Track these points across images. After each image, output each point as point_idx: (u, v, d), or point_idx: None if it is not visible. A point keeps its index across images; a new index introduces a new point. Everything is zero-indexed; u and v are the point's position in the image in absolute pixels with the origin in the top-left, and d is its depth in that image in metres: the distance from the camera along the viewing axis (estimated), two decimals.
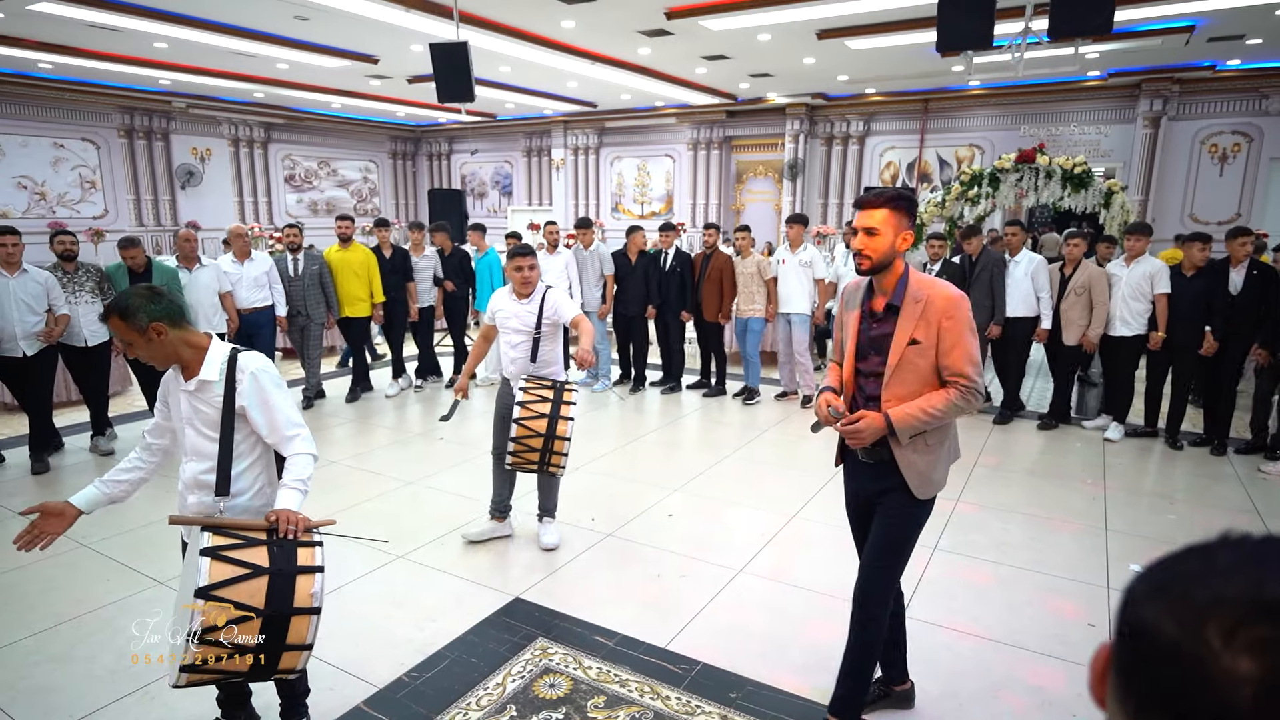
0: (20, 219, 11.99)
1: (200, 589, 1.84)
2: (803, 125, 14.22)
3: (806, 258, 6.68)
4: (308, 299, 6.42)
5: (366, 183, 17.38)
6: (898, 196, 2.18)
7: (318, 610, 1.98)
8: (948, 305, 2.17)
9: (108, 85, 12.23)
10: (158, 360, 2.10)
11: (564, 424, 3.49)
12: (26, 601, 3.32)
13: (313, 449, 2.24)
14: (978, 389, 2.18)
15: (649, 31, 9.38)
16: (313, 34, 9.44)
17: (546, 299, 3.74)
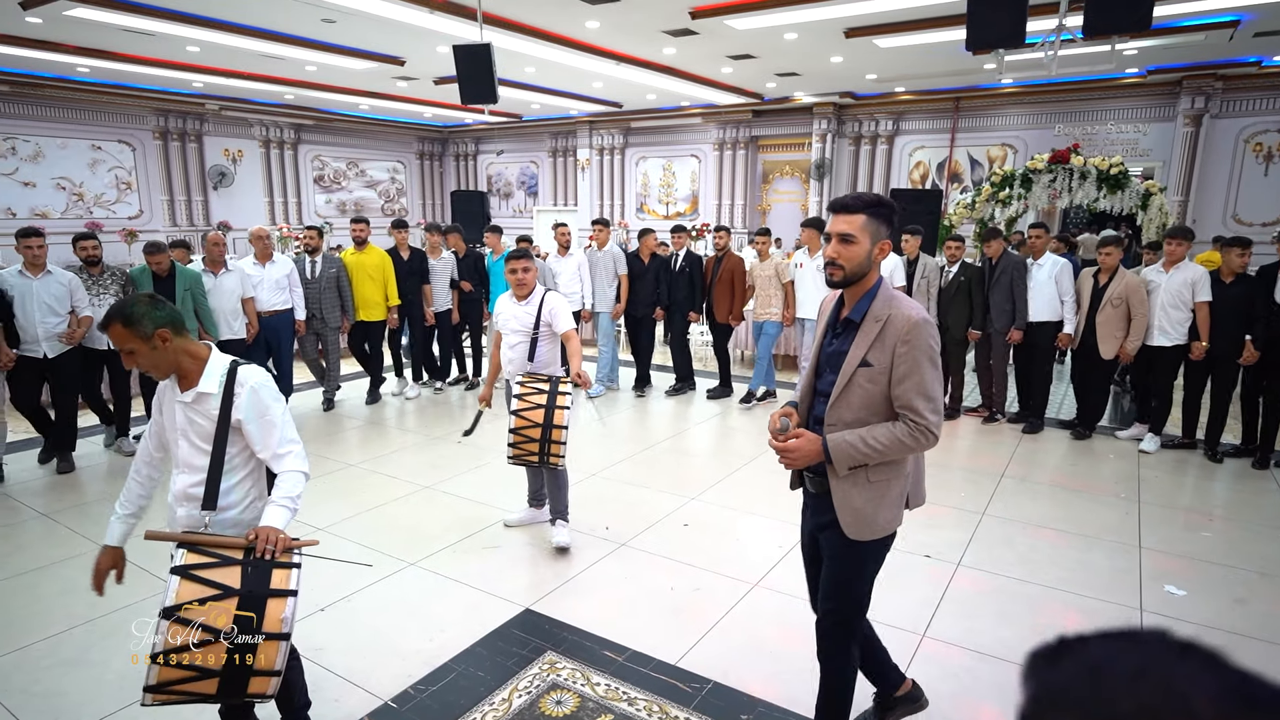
0: (59, 219, 12.28)
1: (165, 609, 1.80)
2: (830, 125, 14.05)
3: (823, 262, 6.55)
4: (324, 302, 6.41)
5: (394, 183, 17.53)
6: (879, 202, 2.01)
7: (287, 636, 1.91)
8: (906, 328, 1.95)
9: (143, 88, 12.47)
10: (160, 369, 2.06)
11: (560, 413, 3.54)
12: (44, 603, 3.35)
13: (305, 467, 2.20)
14: (929, 427, 1.95)
15: (674, 31, 9.31)
16: (340, 36, 9.52)
17: (545, 301, 3.81)
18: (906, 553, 3.85)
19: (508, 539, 4.06)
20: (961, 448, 5.70)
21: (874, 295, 2.04)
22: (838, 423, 2.03)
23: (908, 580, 3.57)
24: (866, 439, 1.96)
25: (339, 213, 16.25)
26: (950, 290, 6.22)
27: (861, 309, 2.04)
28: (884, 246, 2.04)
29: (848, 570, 2.14)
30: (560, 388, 3.62)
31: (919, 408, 1.95)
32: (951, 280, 6.23)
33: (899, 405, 1.98)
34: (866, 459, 1.97)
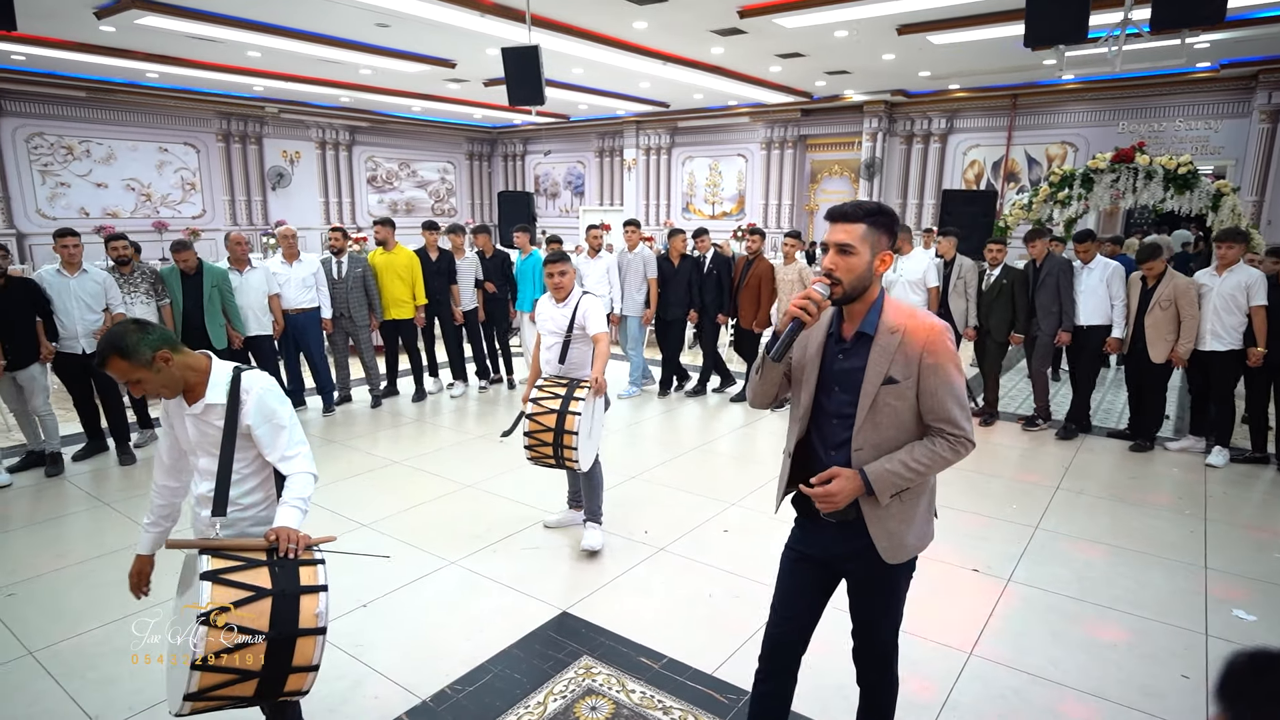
0: (129, 218, 12.82)
1: (201, 616, 1.79)
2: (881, 123, 13.78)
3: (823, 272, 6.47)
4: (351, 301, 6.52)
5: (444, 183, 17.82)
6: (879, 211, 1.89)
7: (323, 630, 1.93)
8: (930, 339, 1.84)
9: (207, 92, 12.93)
10: (170, 389, 2.05)
11: (571, 418, 3.57)
12: (101, 590, 3.48)
13: (313, 468, 2.20)
14: (968, 436, 1.86)
15: (722, 31, 9.24)
16: (393, 40, 9.71)
17: (580, 305, 3.84)
18: (954, 566, 3.74)
19: (547, 540, 4.08)
20: (1012, 457, 5.52)
21: (880, 306, 1.91)
22: (865, 446, 1.88)
23: (954, 595, 3.47)
24: (908, 463, 1.83)
25: (391, 212, 16.59)
26: (991, 293, 6.10)
27: (872, 321, 1.90)
28: (885, 258, 1.89)
29: (891, 596, 2.04)
30: (576, 392, 3.65)
31: (956, 418, 1.85)
32: (993, 283, 6.09)
33: (935, 419, 1.86)
34: (909, 483, 1.86)
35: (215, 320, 5.66)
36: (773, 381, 2.04)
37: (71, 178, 12.34)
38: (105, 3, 8.02)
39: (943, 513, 4.28)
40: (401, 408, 6.86)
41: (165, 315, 5.51)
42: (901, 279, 6.43)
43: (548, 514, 4.34)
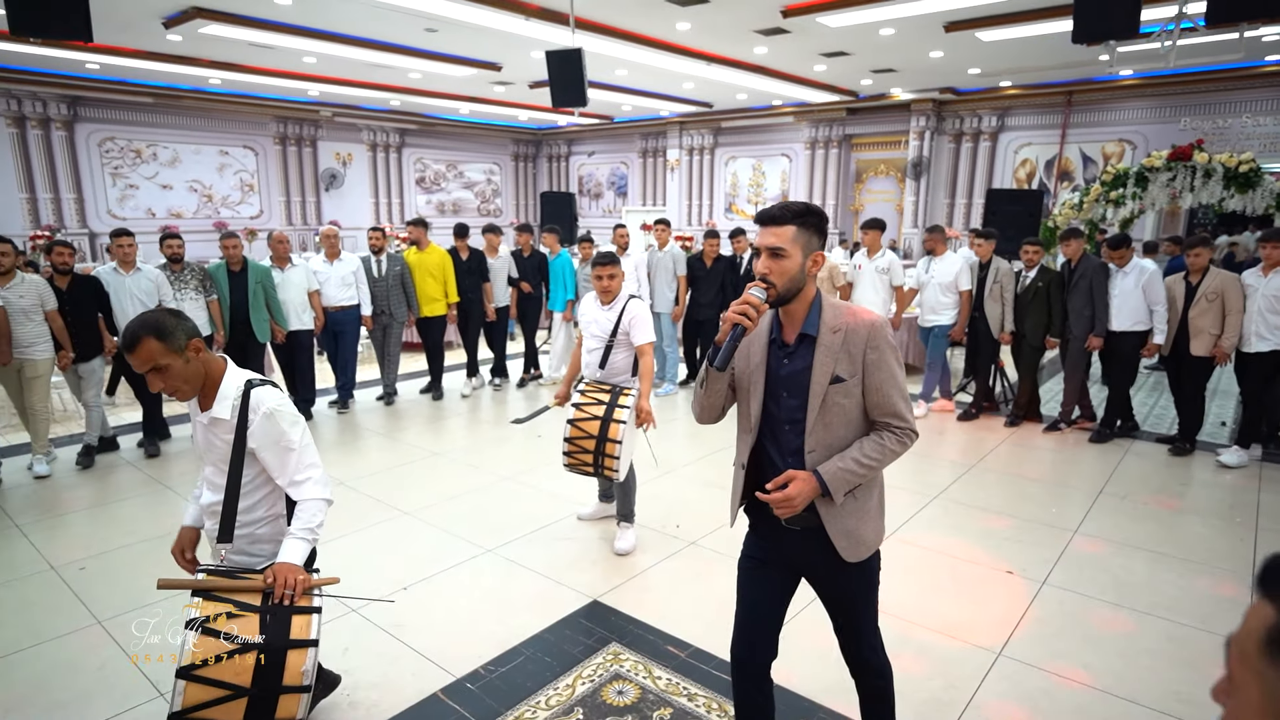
0: (191, 218, 13.39)
1: (181, 669, 1.76)
2: (929, 121, 13.58)
3: (884, 263, 6.47)
4: (390, 299, 6.68)
5: (490, 184, 18.13)
6: (807, 211, 1.88)
7: (308, 689, 1.85)
8: (871, 333, 1.85)
9: (265, 97, 13.42)
10: (192, 384, 1.98)
11: (615, 427, 3.49)
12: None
13: (325, 493, 2.11)
14: (912, 428, 1.88)
15: (765, 31, 9.24)
16: (441, 45, 9.96)
17: (627, 309, 3.78)
18: (987, 567, 3.71)
19: (581, 532, 4.17)
20: (1054, 461, 5.41)
21: (819, 306, 1.92)
22: (818, 447, 1.88)
23: (985, 595, 3.45)
24: (860, 459, 1.84)
25: (438, 213, 16.97)
26: (1027, 296, 5.99)
27: (813, 322, 1.90)
28: (817, 258, 1.89)
29: (861, 594, 2.04)
30: (621, 400, 3.57)
31: (901, 411, 1.88)
32: (1029, 285, 5.98)
33: (882, 414, 1.88)
34: (862, 479, 1.87)
35: (259, 315, 5.88)
36: (718, 393, 2.03)
37: (140, 180, 12.95)
38: (173, 13, 8.41)
39: (979, 515, 4.28)
40: (448, 402, 7.04)
41: (213, 310, 5.72)
42: (933, 281, 6.34)
43: (581, 506, 4.43)
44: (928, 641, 3.08)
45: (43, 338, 4.92)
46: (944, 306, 6.30)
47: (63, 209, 12.08)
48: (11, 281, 4.77)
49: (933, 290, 6.34)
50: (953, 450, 5.63)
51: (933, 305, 6.35)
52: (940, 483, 4.90)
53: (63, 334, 4.98)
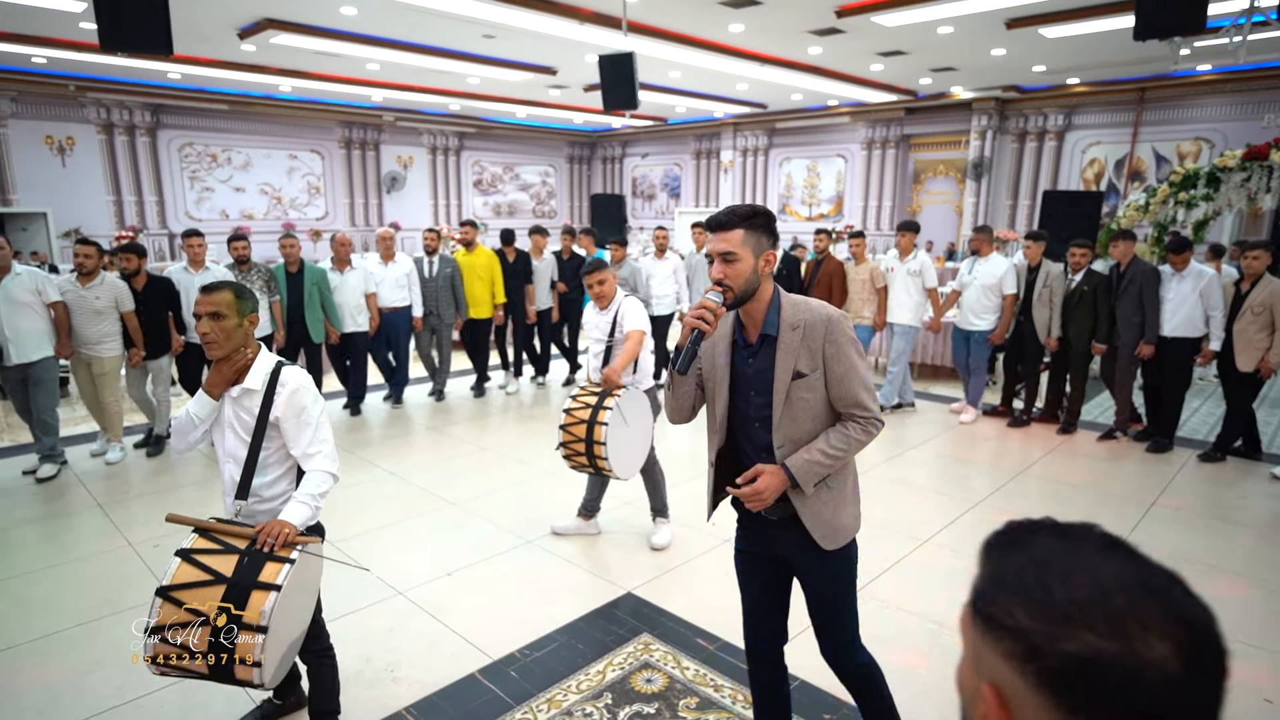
0: (262, 219, 14.02)
1: (160, 588, 1.94)
2: (991, 120, 13.26)
3: (916, 266, 6.39)
4: (440, 300, 6.84)
5: (545, 186, 18.44)
6: (753, 214, 1.92)
7: (264, 629, 1.93)
8: (829, 327, 1.90)
9: (332, 103, 13.97)
10: (228, 346, 2.19)
11: (599, 429, 3.52)
12: None
13: (333, 468, 2.30)
14: (876, 416, 1.93)
15: (819, 31, 9.19)
16: (498, 50, 10.21)
17: (621, 309, 3.85)
18: None
19: (619, 526, 4.26)
20: (1105, 470, 5.26)
21: (779, 305, 1.97)
22: (786, 442, 1.94)
23: None
24: (826, 450, 1.90)
25: (494, 214, 17.34)
26: (1073, 299, 5.80)
27: (773, 321, 1.96)
28: (769, 258, 1.94)
29: (841, 584, 2.07)
30: (606, 402, 3.59)
31: (864, 400, 1.92)
32: (1074, 289, 5.79)
33: (845, 405, 1.93)
34: (830, 469, 1.92)
35: (315, 316, 6.08)
36: (686, 394, 2.09)
37: (215, 183, 13.64)
38: (247, 24, 8.87)
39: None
40: (492, 400, 7.24)
41: (274, 311, 5.92)
42: (976, 282, 6.18)
43: (556, 520, 4.27)
44: (955, 648, 3.06)
45: (110, 336, 5.18)
46: (986, 310, 6.15)
47: (145, 211, 12.82)
48: (93, 282, 5.06)
49: (975, 292, 6.18)
50: (997, 457, 5.53)
51: (974, 308, 6.20)
52: (981, 489, 4.82)
53: (137, 333, 5.25)
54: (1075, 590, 0.56)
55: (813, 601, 2.10)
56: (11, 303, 4.69)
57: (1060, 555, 0.60)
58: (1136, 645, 0.53)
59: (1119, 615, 0.54)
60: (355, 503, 4.60)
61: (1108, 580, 0.56)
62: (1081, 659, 0.54)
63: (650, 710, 2.67)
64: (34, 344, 4.82)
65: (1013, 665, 0.58)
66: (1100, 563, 0.58)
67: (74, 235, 12.03)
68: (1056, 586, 0.57)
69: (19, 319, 4.74)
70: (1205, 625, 0.56)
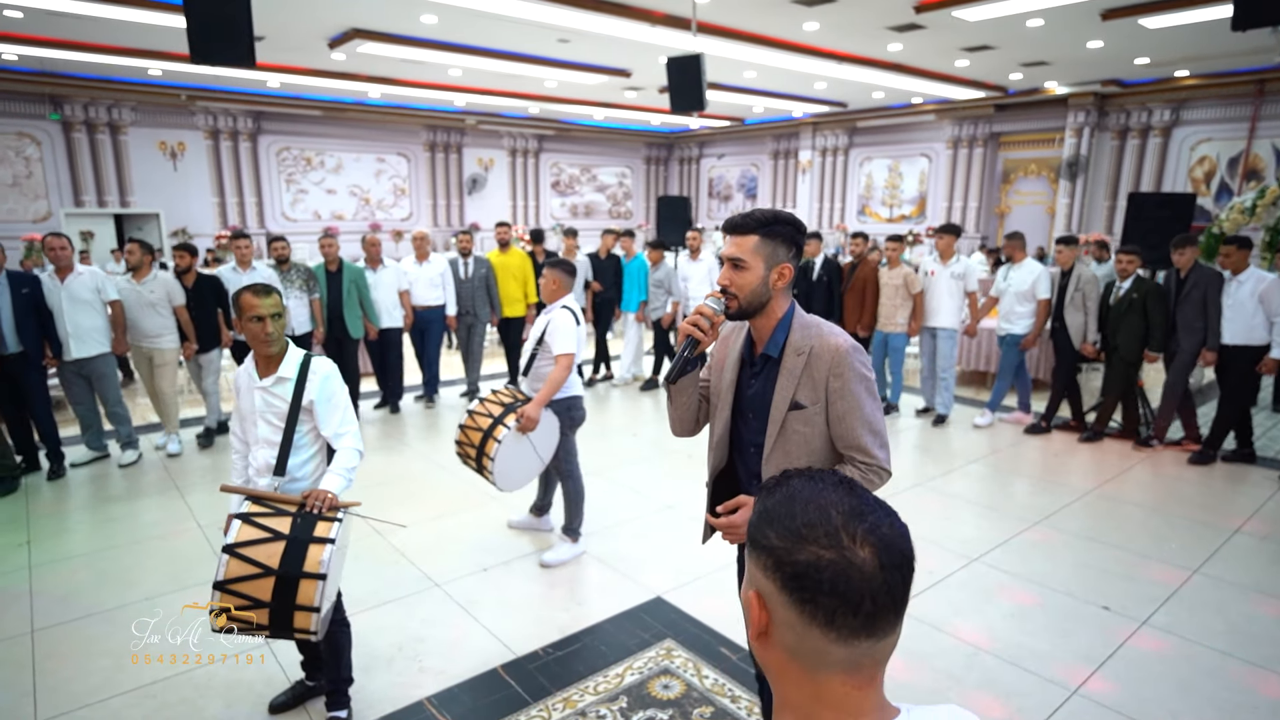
0: (351, 220, 14.73)
1: (226, 545, 2.17)
2: (1089, 117, 12.52)
3: (959, 269, 6.22)
4: (475, 300, 6.93)
5: (621, 187, 18.59)
6: (774, 220, 1.76)
7: (323, 576, 2.18)
8: (835, 359, 1.74)
9: (417, 108, 14.52)
10: (276, 342, 2.42)
11: (491, 444, 3.48)
12: None
13: (360, 446, 2.53)
14: (880, 465, 1.76)
15: (898, 27, 8.91)
16: (573, 54, 10.37)
17: (553, 320, 3.67)
18: (1079, 600, 3.45)
19: (655, 530, 4.26)
20: (1190, 493, 4.88)
21: (789, 325, 1.81)
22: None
23: (1071, 629, 3.21)
24: None
25: (571, 215, 17.62)
26: (1120, 307, 5.58)
27: (778, 342, 1.81)
28: (783, 271, 1.78)
29: None
30: (508, 419, 3.52)
31: (867, 445, 1.75)
32: (1122, 297, 5.57)
33: (844, 446, 1.78)
34: None
35: (353, 313, 6.25)
36: (685, 406, 1.97)
37: (309, 185, 14.41)
38: (336, 34, 9.33)
39: (1083, 544, 3.97)
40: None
41: (314, 308, 6.06)
42: (1010, 289, 6.10)
43: (513, 513, 4.39)
44: (995, 669, 2.93)
45: (169, 329, 5.44)
46: (1018, 315, 6.10)
47: (245, 211, 13.68)
48: (145, 277, 5.36)
49: (1009, 299, 6.13)
50: (1064, 473, 5.22)
51: (1008, 315, 6.16)
52: (1042, 507, 4.57)
53: (188, 327, 5.53)
54: (808, 515, 0.76)
55: None
56: (74, 300, 5.00)
57: (803, 491, 0.79)
58: (846, 553, 0.73)
59: (835, 531, 0.74)
60: (405, 494, 4.78)
61: (831, 508, 0.76)
62: (809, 564, 0.73)
63: (663, 716, 2.67)
64: (93, 340, 5.10)
65: (767, 575, 0.76)
66: (829, 495, 0.77)
67: (181, 234, 12.97)
68: (797, 514, 0.76)
69: (80, 316, 5.02)
70: (895, 538, 0.75)
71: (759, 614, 0.77)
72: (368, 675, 2.89)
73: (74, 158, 12.09)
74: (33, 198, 11.93)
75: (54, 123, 11.92)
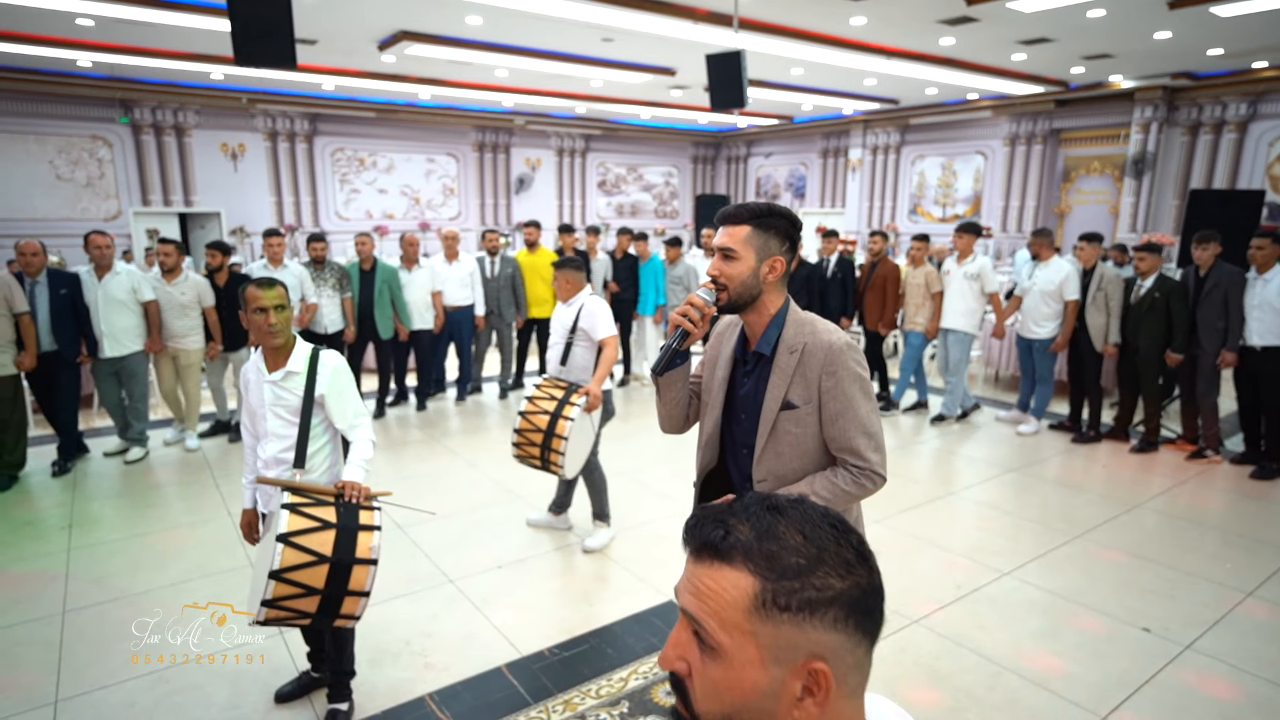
0: (400, 219, 15.03)
1: (280, 535, 2.21)
2: (1157, 112, 11.93)
3: (974, 269, 6.03)
4: (501, 299, 6.92)
5: (668, 186, 18.53)
6: (768, 212, 1.70)
7: (375, 562, 2.27)
8: (829, 357, 1.66)
9: (466, 109, 14.73)
10: (282, 335, 2.44)
11: (563, 423, 3.50)
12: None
13: (373, 436, 2.57)
14: (874, 469, 1.67)
15: (950, 20, 8.63)
16: (617, 53, 10.37)
17: (585, 308, 3.81)
18: (1117, 620, 3.25)
19: (674, 531, 4.15)
20: (1244, 508, 4.56)
21: (782, 322, 1.74)
22: (768, 478, 1.75)
23: (1106, 651, 3.02)
24: (807, 496, 1.67)
25: (617, 214, 17.63)
26: (1142, 307, 5.38)
27: (770, 339, 1.74)
28: (774, 264, 1.71)
29: None
30: (572, 398, 3.59)
31: (860, 448, 1.67)
32: (1143, 296, 5.36)
33: (836, 448, 1.71)
34: None
35: (384, 313, 6.29)
36: (672, 401, 1.90)
37: (361, 185, 14.77)
38: (385, 37, 9.52)
39: (1125, 561, 3.76)
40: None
41: (346, 307, 6.10)
42: (1035, 288, 5.89)
43: (531, 512, 4.40)
44: (1019, 691, 2.77)
45: (195, 330, 5.53)
46: (1045, 317, 5.88)
47: (301, 210, 14.09)
48: (177, 279, 5.46)
49: (1035, 299, 5.90)
50: (1110, 485, 4.95)
51: (1034, 315, 5.94)
52: (1084, 521, 4.34)
53: (216, 328, 5.57)
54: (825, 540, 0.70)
55: None
56: (110, 300, 5.12)
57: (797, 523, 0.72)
58: (867, 560, 0.71)
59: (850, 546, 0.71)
60: (427, 489, 4.82)
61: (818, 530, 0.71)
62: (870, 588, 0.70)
63: None
64: (128, 339, 5.21)
65: (837, 626, 0.68)
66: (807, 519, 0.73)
67: (241, 233, 13.44)
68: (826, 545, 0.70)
69: (115, 315, 5.12)
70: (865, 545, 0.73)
71: (828, 682, 0.67)
72: (374, 668, 2.91)
73: (142, 159, 12.65)
74: (104, 197, 12.52)
75: (124, 126, 12.49)
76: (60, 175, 12.17)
